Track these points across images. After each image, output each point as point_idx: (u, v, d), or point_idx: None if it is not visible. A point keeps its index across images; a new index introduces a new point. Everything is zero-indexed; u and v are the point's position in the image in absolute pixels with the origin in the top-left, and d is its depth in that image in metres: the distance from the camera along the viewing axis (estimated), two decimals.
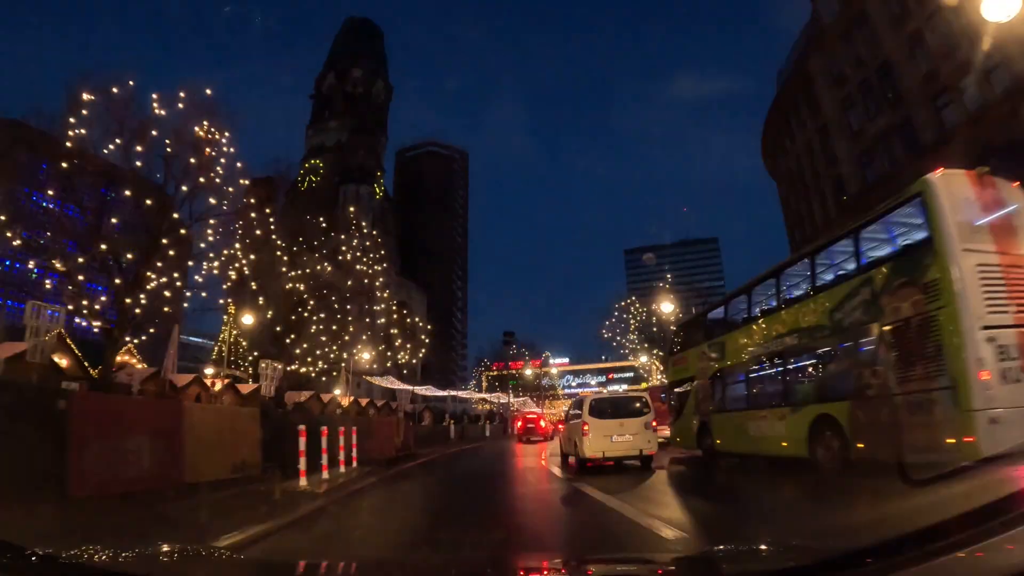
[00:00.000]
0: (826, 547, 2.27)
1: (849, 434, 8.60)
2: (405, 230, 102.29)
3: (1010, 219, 7.94)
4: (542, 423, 39.05)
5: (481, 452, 27.03)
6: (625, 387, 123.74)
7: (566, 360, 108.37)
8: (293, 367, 32.31)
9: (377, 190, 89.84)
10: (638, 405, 13.62)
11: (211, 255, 19.92)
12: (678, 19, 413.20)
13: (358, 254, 34.70)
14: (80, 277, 16.76)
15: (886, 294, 8.33)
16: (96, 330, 17.72)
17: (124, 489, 7.54)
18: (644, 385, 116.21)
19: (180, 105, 17.51)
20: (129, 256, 17.56)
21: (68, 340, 26.56)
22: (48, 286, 18.19)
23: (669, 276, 53.41)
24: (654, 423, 13.44)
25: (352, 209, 59.41)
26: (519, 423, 39.64)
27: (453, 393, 60.97)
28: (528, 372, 55.29)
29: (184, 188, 18.33)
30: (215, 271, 20.02)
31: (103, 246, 16.78)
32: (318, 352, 33.25)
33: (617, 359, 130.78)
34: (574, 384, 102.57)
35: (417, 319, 43.78)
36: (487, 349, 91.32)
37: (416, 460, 19.04)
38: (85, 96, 16.29)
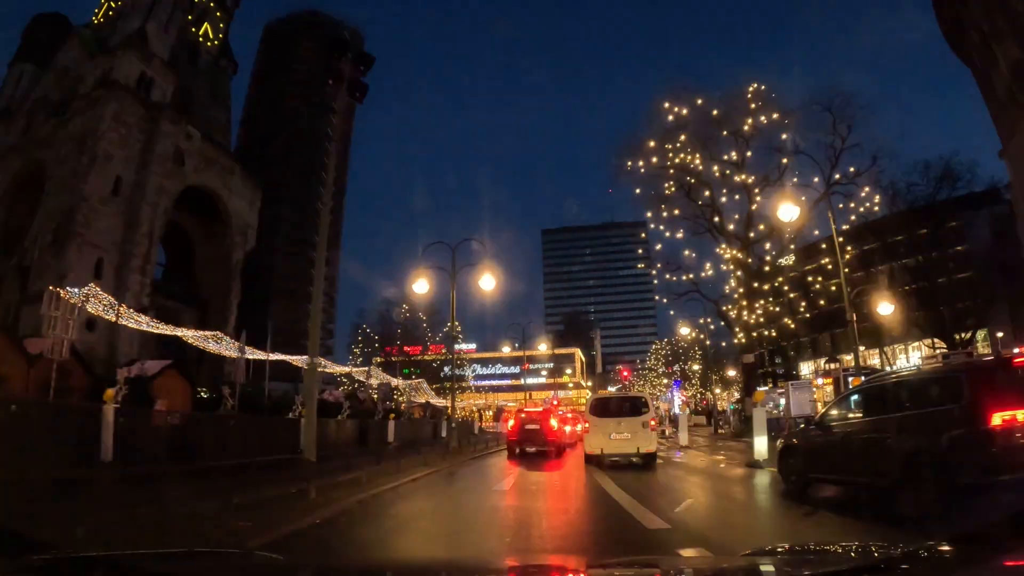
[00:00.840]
0: (843, 556, 2.28)
1: None
2: (264, 122, 68.79)
3: None
4: (552, 423, 18.48)
5: None
6: (544, 379, 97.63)
7: (473, 347, 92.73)
8: None
9: (210, 32, 55.86)
10: (637, 405, 14.58)
11: None
12: None
13: None
14: None
15: None
16: None
17: None
18: (566, 378, 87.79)
19: None
20: None
21: None
22: None
23: None
24: (652, 422, 14.45)
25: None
26: (510, 423, 21.44)
27: (286, 358, 30.19)
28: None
29: None
30: None
31: None
32: None
33: (533, 346, 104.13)
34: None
35: None
36: (370, 315, 60.50)
37: None
38: None
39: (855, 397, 8.05)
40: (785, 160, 22.31)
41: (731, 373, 48.26)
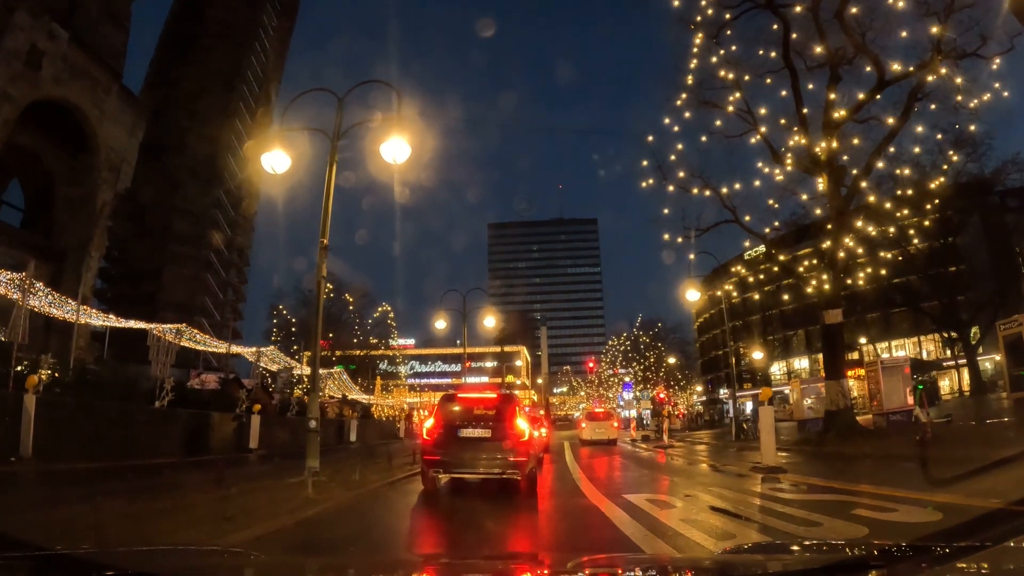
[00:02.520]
0: (828, 553, 2.30)
1: None
2: (175, 62, 58.52)
3: None
4: (520, 423, 8.77)
5: None
6: (487, 379, 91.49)
7: (411, 342, 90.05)
8: None
9: None
10: (608, 415, 29.14)
11: None
12: None
13: None
14: None
15: None
16: None
17: None
18: (511, 378, 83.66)
19: None
20: None
21: None
22: None
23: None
24: (613, 423, 27.89)
25: None
26: (428, 423, 9.39)
27: (141, 325, 21.71)
28: None
29: None
30: None
31: None
32: None
33: (476, 344, 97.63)
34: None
35: None
36: (288, 297, 51.58)
37: None
38: None
39: None
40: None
41: (756, 356, 41.95)
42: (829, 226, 15.98)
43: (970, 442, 9.16)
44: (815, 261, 18.06)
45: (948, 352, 41.65)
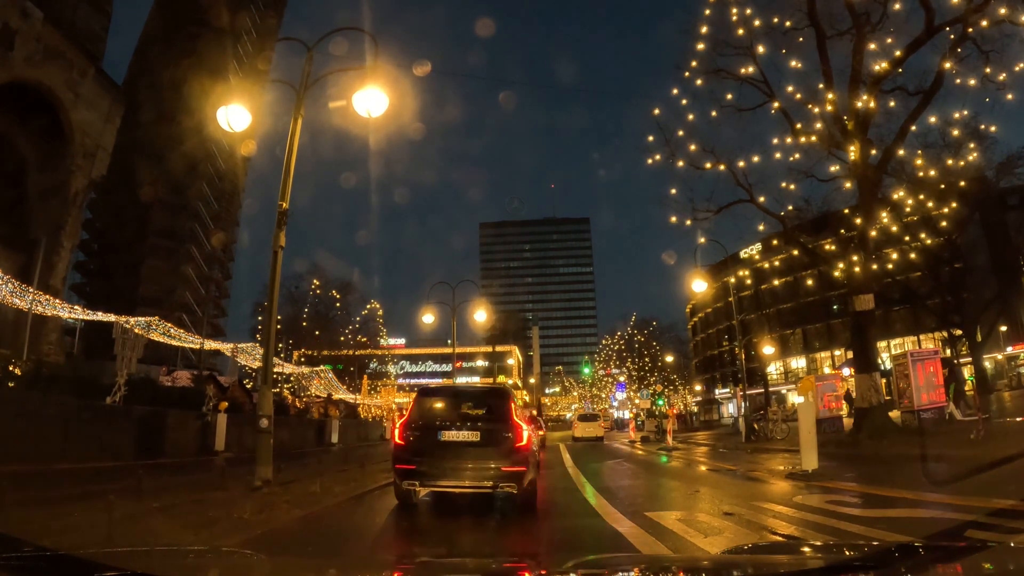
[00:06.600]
0: (829, 553, 2.28)
1: None
2: (158, 51, 56.70)
3: None
4: (515, 427, 7.39)
5: None
6: (478, 379, 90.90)
7: (402, 342, 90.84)
8: None
9: None
10: (596, 416, 35.61)
11: None
12: None
13: None
14: None
15: None
16: None
17: None
18: (502, 377, 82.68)
19: None
20: None
21: None
22: None
23: None
24: (601, 423, 34.47)
25: None
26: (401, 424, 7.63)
27: (100, 317, 20.34)
28: None
29: None
30: None
31: None
32: None
33: (467, 344, 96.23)
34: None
35: None
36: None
37: None
38: None
39: None
40: None
41: (767, 351, 40.67)
42: (857, 203, 14.86)
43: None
44: (834, 248, 16.99)
45: (949, 351, 40.89)
